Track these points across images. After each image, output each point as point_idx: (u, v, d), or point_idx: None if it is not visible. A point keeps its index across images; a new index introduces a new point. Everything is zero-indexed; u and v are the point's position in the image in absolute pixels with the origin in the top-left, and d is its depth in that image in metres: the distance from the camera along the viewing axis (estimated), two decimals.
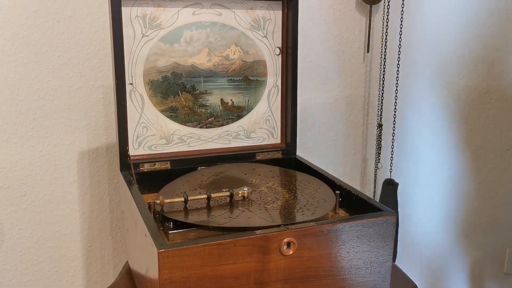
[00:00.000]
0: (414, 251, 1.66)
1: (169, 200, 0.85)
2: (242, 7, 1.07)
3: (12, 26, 1.12)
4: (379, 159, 1.44)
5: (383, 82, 1.41)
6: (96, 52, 1.21)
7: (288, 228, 0.75)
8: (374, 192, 1.49)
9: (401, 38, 1.36)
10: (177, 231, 0.80)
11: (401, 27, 1.36)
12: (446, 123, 1.57)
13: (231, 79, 1.09)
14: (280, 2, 1.09)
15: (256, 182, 0.98)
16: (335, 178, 0.98)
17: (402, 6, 1.35)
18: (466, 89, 1.55)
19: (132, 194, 0.87)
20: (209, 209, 0.87)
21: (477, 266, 1.73)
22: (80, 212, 1.28)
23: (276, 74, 1.12)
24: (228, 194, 0.89)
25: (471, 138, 1.59)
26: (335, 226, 0.78)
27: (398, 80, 1.40)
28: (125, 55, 0.98)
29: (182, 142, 1.07)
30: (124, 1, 0.97)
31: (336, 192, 0.91)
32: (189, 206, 0.86)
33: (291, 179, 1.00)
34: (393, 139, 1.43)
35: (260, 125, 1.13)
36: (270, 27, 1.10)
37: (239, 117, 1.11)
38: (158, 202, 0.84)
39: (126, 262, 1.05)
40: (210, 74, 1.07)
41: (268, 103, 1.13)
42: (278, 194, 0.93)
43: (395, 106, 1.41)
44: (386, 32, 1.37)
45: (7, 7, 1.11)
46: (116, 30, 0.95)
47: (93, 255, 1.33)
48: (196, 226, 0.80)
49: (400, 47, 1.37)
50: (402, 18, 1.35)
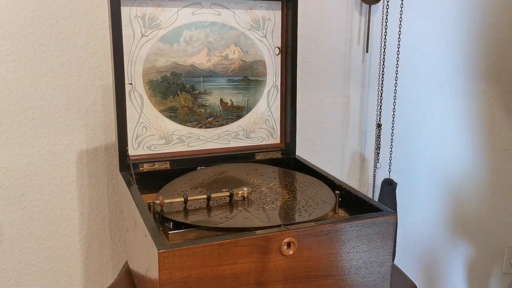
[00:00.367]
0: (413, 251, 1.67)
1: (168, 200, 0.85)
2: (241, 7, 1.06)
3: (10, 25, 1.12)
4: (378, 159, 1.44)
5: (382, 82, 1.41)
6: (94, 51, 1.20)
7: (288, 228, 0.75)
8: (373, 192, 1.49)
9: (400, 38, 1.36)
10: (177, 231, 0.80)
11: (400, 27, 1.36)
12: (444, 123, 1.57)
13: (231, 79, 1.09)
14: (279, 2, 1.09)
15: (257, 183, 0.98)
16: (335, 178, 0.98)
17: (401, 6, 1.35)
18: (465, 89, 1.55)
19: (131, 194, 0.87)
20: (208, 209, 0.86)
21: (475, 265, 1.73)
22: (79, 212, 1.28)
23: (275, 74, 1.12)
24: (228, 194, 0.88)
25: (469, 138, 1.60)
26: (335, 226, 0.78)
27: (397, 80, 1.40)
28: (124, 55, 0.98)
29: (181, 142, 1.07)
30: (123, 1, 0.96)
31: (336, 192, 0.91)
32: (189, 206, 0.86)
33: (293, 180, 1.00)
34: (392, 139, 1.44)
35: (259, 125, 1.13)
36: (270, 27, 1.10)
37: (239, 117, 1.11)
38: (158, 202, 0.84)
39: (126, 262, 1.05)
40: (210, 74, 1.07)
41: (267, 103, 1.13)
42: (278, 195, 0.92)
43: (394, 106, 1.41)
44: (385, 32, 1.37)
45: (6, 7, 1.11)
46: (115, 30, 0.95)
47: (92, 255, 1.32)
48: (193, 227, 0.80)
49: (399, 47, 1.37)
50: (401, 18, 1.35)
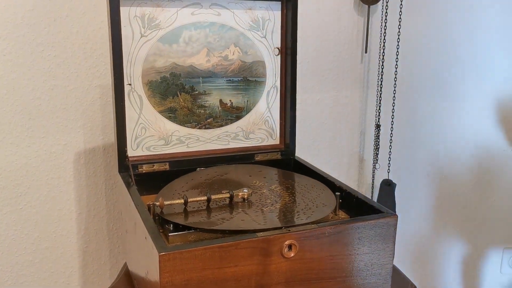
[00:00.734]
0: (411, 252, 1.67)
1: (168, 202, 0.84)
2: (241, 7, 1.06)
3: (7, 25, 1.11)
4: (377, 160, 1.44)
5: (381, 82, 1.41)
6: (92, 51, 1.20)
7: (289, 230, 0.75)
8: (372, 192, 1.49)
9: (399, 39, 1.36)
10: (177, 233, 0.79)
11: (399, 28, 1.36)
12: (443, 124, 1.57)
13: (230, 80, 1.08)
14: (279, 3, 1.08)
15: (259, 184, 0.97)
16: (335, 179, 0.97)
17: (401, 7, 1.34)
18: (464, 89, 1.56)
19: (131, 196, 0.87)
20: (208, 210, 0.86)
21: (473, 266, 1.73)
22: (76, 212, 1.27)
23: (275, 74, 1.12)
24: (228, 195, 0.88)
25: (468, 139, 1.60)
26: (337, 228, 0.77)
27: (396, 80, 1.40)
28: (123, 56, 0.97)
29: (181, 143, 1.07)
30: (122, 1, 0.96)
31: (336, 193, 0.90)
32: (189, 207, 0.86)
33: (295, 183, 1.00)
34: (391, 140, 1.43)
35: (259, 126, 1.13)
36: (269, 28, 1.09)
37: (238, 117, 1.11)
38: (158, 204, 0.83)
39: (125, 263, 1.04)
40: (209, 75, 1.06)
41: (267, 104, 1.12)
42: (278, 197, 0.92)
43: (393, 107, 1.41)
44: (385, 32, 1.37)
45: (3, 6, 1.10)
46: (114, 30, 0.94)
47: (89, 256, 1.32)
48: (191, 229, 0.79)
49: (398, 48, 1.37)
50: (400, 19, 1.35)
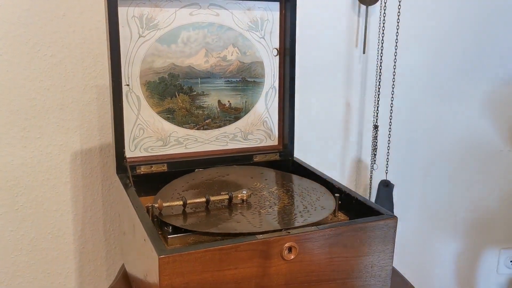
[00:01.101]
0: (409, 253, 1.67)
1: (167, 203, 0.84)
2: (239, 8, 1.05)
3: (4, 24, 1.10)
4: (375, 160, 1.43)
5: (379, 83, 1.40)
6: (89, 51, 1.19)
7: (289, 232, 0.75)
8: (369, 193, 1.49)
9: (397, 39, 1.36)
10: (176, 236, 0.79)
11: (397, 28, 1.36)
12: (441, 125, 1.57)
13: (229, 80, 1.08)
14: (277, 3, 1.08)
15: (259, 186, 0.97)
16: (334, 180, 0.97)
17: (399, 7, 1.34)
18: (463, 90, 1.56)
19: (129, 197, 0.86)
20: (207, 212, 0.85)
21: (470, 266, 1.74)
22: (73, 213, 1.27)
23: (273, 75, 1.11)
24: (227, 197, 0.88)
25: (465, 139, 1.60)
26: (337, 230, 0.77)
27: (394, 81, 1.40)
28: (121, 56, 0.97)
29: (179, 144, 1.06)
30: (120, 1, 0.95)
31: (335, 195, 0.90)
32: (188, 209, 0.85)
33: (296, 185, 0.99)
34: (389, 141, 1.43)
35: (257, 126, 1.12)
36: (268, 28, 1.09)
37: (237, 118, 1.10)
38: (157, 205, 0.83)
39: (122, 265, 1.04)
40: (208, 75, 1.06)
41: (265, 105, 1.12)
42: (277, 199, 0.92)
43: (391, 108, 1.41)
44: (383, 33, 1.37)
45: None
46: (112, 30, 0.93)
47: (86, 257, 1.31)
48: (189, 231, 0.79)
49: (396, 48, 1.37)
50: (398, 20, 1.35)
